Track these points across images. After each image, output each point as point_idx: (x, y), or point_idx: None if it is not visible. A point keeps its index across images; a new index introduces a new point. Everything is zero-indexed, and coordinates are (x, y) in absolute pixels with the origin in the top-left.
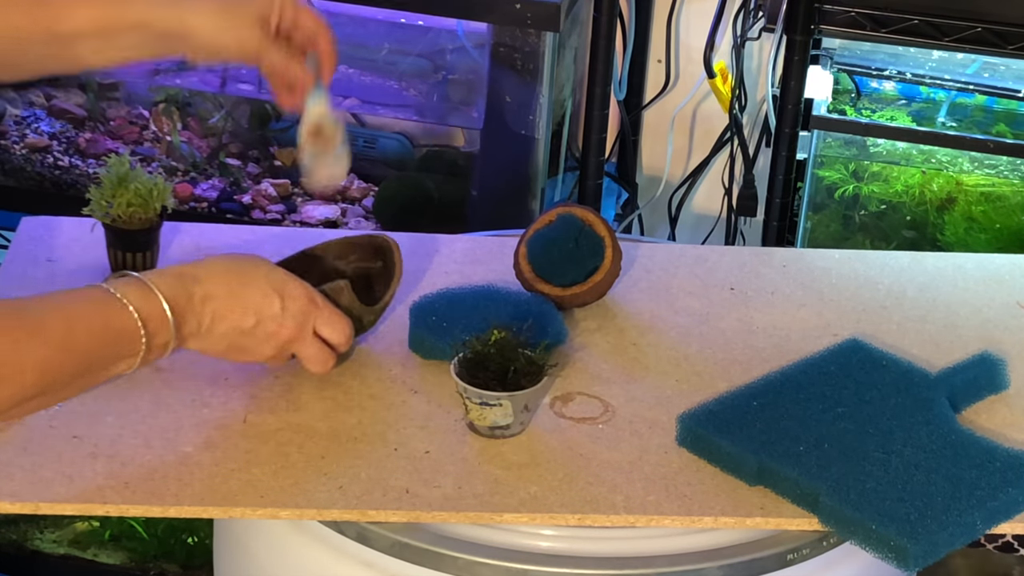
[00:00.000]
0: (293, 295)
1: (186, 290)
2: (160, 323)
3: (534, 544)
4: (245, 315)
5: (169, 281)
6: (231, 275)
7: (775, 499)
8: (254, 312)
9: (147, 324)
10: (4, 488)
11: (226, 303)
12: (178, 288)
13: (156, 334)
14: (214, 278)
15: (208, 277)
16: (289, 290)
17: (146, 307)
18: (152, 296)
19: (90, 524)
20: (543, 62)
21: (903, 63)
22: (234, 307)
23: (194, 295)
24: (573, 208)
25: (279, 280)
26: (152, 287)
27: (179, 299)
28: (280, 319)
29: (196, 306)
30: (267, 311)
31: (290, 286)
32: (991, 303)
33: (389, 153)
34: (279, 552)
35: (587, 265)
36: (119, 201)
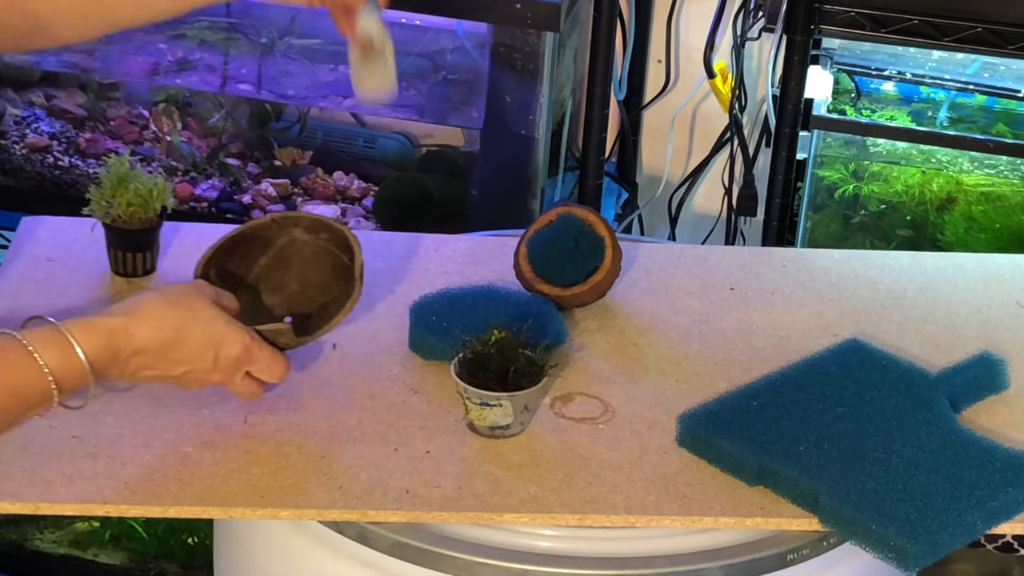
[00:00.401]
0: (228, 346)
1: (113, 347)
2: (78, 378)
3: (534, 544)
4: (174, 366)
5: (95, 339)
6: (166, 330)
7: (775, 499)
8: (184, 363)
9: (62, 382)
10: (4, 488)
11: (156, 358)
12: (104, 346)
13: (73, 386)
14: (148, 333)
15: (142, 332)
16: (226, 343)
17: (64, 367)
18: (71, 355)
19: (90, 524)
20: (543, 62)
21: (903, 63)
22: (163, 360)
23: (121, 352)
24: (573, 208)
25: (218, 332)
26: (74, 345)
27: (102, 356)
28: (210, 370)
29: (122, 362)
30: (198, 364)
31: (228, 339)
32: (991, 303)
33: (389, 153)
34: (279, 552)
35: (587, 265)
36: (119, 201)
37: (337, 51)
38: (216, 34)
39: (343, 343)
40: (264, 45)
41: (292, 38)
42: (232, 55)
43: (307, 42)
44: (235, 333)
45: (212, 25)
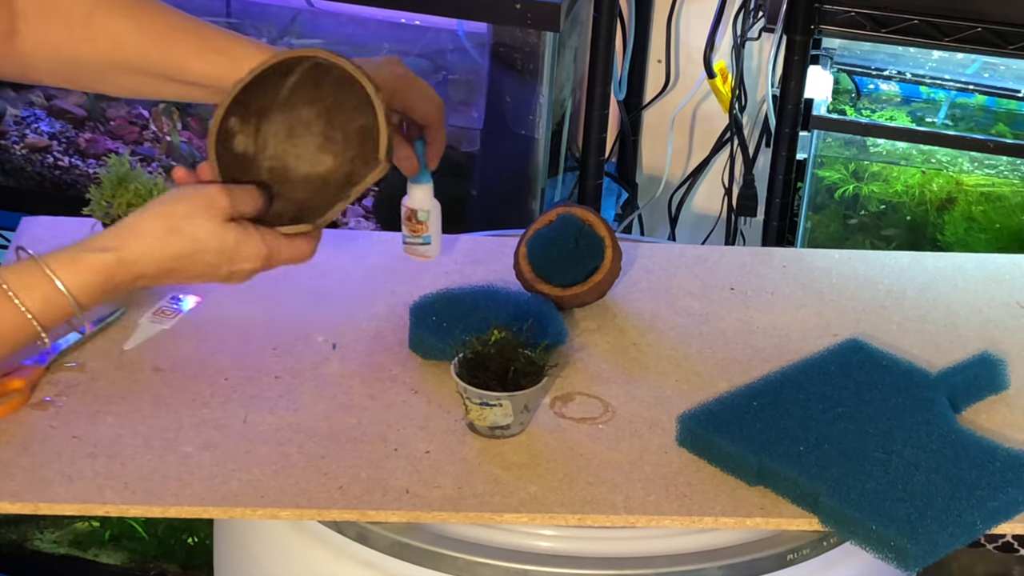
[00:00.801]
0: (242, 260)
1: (107, 280)
2: (64, 314)
3: (534, 544)
4: (185, 280)
5: (84, 278)
6: (166, 260)
7: (775, 499)
8: (196, 277)
9: (49, 321)
10: (4, 488)
11: (161, 280)
12: (95, 283)
13: (61, 318)
14: (144, 266)
15: (136, 265)
16: (239, 259)
17: (48, 309)
18: (56, 295)
19: (90, 524)
20: (543, 62)
21: (903, 63)
22: (170, 279)
23: (121, 281)
24: (573, 208)
25: (227, 252)
26: (57, 284)
27: (95, 293)
28: (227, 274)
29: (122, 286)
30: (212, 275)
31: (241, 254)
32: (991, 303)
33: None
34: (279, 552)
35: (587, 265)
36: (119, 201)
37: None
38: None
39: (343, 343)
40: None
41: (292, 38)
42: None
43: (307, 42)
44: (249, 248)
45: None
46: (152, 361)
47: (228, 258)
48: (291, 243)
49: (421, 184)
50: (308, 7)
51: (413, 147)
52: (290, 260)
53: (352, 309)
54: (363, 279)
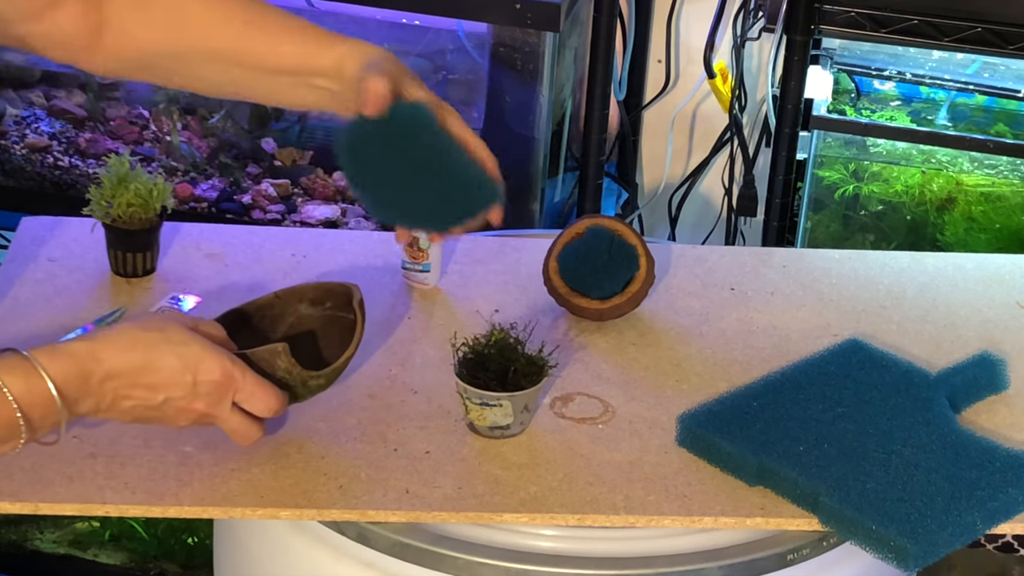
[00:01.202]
0: (206, 370)
1: (82, 370)
2: (46, 408)
3: (534, 544)
4: (151, 392)
5: (61, 362)
6: (136, 351)
7: (775, 499)
8: (162, 389)
9: (29, 411)
10: (4, 488)
11: (129, 381)
12: (71, 369)
13: (42, 418)
14: (117, 355)
15: (110, 354)
16: (204, 367)
17: (29, 395)
18: (37, 380)
19: (90, 524)
20: (543, 62)
21: (903, 63)
22: (137, 386)
23: (92, 375)
24: (601, 219)
25: (193, 355)
26: (39, 369)
27: (71, 382)
28: (191, 396)
29: (94, 387)
30: (176, 390)
31: (206, 363)
32: (991, 303)
33: None
34: (279, 552)
35: (622, 275)
36: (119, 201)
37: None
38: None
39: None
40: None
41: None
42: None
43: None
44: (213, 356)
45: None
46: None
47: (193, 363)
48: (259, 382)
49: None
50: (308, 7)
51: None
52: (253, 389)
53: None
54: (363, 279)
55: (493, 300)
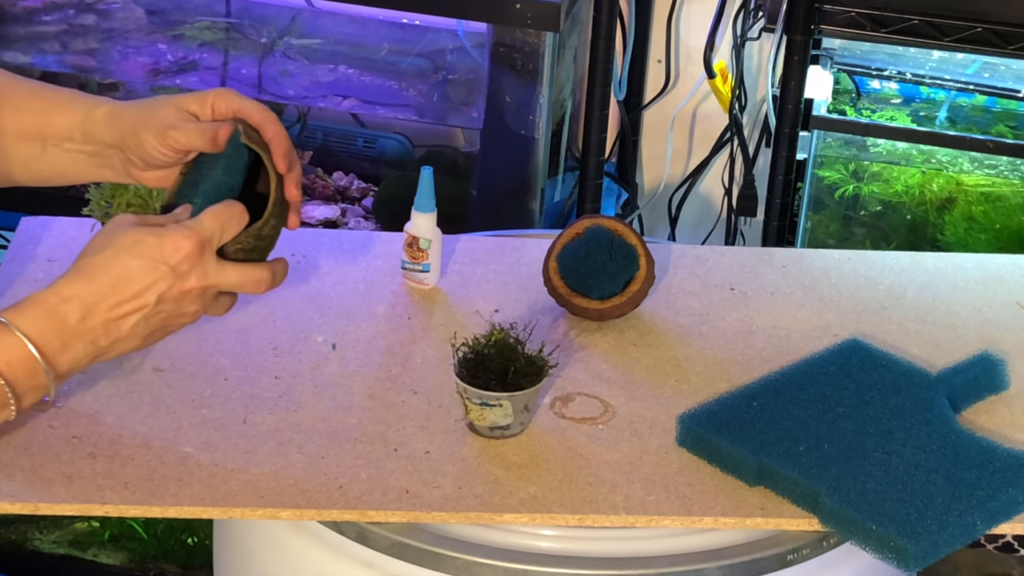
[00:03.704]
0: (174, 250)
1: (56, 317)
2: (28, 367)
3: (534, 544)
4: (140, 300)
5: (30, 314)
6: (99, 275)
7: (775, 499)
8: (147, 291)
9: (11, 374)
10: (4, 488)
11: (110, 304)
12: (44, 319)
13: (28, 378)
14: (83, 287)
15: (76, 289)
16: (169, 248)
17: (3, 354)
18: (11, 339)
19: (90, 524)
20: (543, 62)
21: (903, 63)
22: (122, 302)
23: (67, 317)
24: (600, 219)
25: (152, 246)
26: (11, 327)
27: (47, 331)
28: (179, 280)
29: (77, 328)
30: (161, 283)
31: (167, 244)
32: (991, 303)
33: (389, 153)
34: (279, 552)
35: (623, 275)
36: (119, 201)
37: (337, 51)
38: (216, 34)
39: (343, 343)
40: (264, 45)
41: (292, 38)
42: (232, 55)
43: (307, 42)
44: (170, 235)
45: (212, 25)
46: (152, 361)
47: (154, 250)
48: (226, 221)
49: (425, 212)
50: (308, 7)
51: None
52: (223, 223)
53: (352, 309)
54: (363, 279)
55: (493, 300)
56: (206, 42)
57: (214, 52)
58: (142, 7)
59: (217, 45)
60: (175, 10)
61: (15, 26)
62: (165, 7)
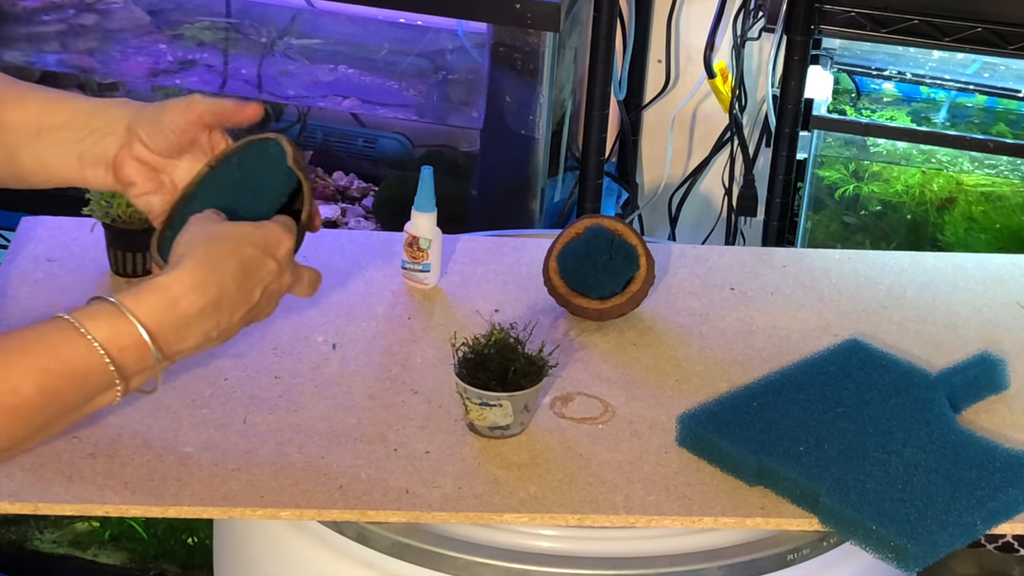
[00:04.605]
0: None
1: (177, 309)
2: (139, 354)
3: (534, 544)
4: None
5: (151, 303)
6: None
7: (775, 499)
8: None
9: (120, 358)
10: (4, 488)
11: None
12: (165, 310)
13: (135, 364)
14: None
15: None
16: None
17: (117, 339)
18: (125, 325)
19: (90, 524)
20: (543, 62)
21: (903, 63)
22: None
23: (189, 311)
24: (601, 219)
25: (261, 236)
26: (127, 313)
27: (166, 323)
28: (279, 275)
29: (196, 321)
30: (268, 276)
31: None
32: (991, 303)
33: (389, 153)
34: (279, 552)
35: (623, 275)
36: (119, 201)
37: (337, 51)
38: (216, 34)
39: (343, 343)
40: (264, 45)
41: (292, 38)
42: (232, 55)
43: (307, 42)
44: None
45: (212, 25)
46: None
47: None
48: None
49: (425, 212)
50: (308, 7)
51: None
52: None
53: (352, 309)
54: (363, 279)
55: (493, 300)
56: (206, 42)
57: (214, 52)
58: (142, 7)
59: (217, 45)
60: (175, 10)
61: (15, 26)
62: (165, 7)
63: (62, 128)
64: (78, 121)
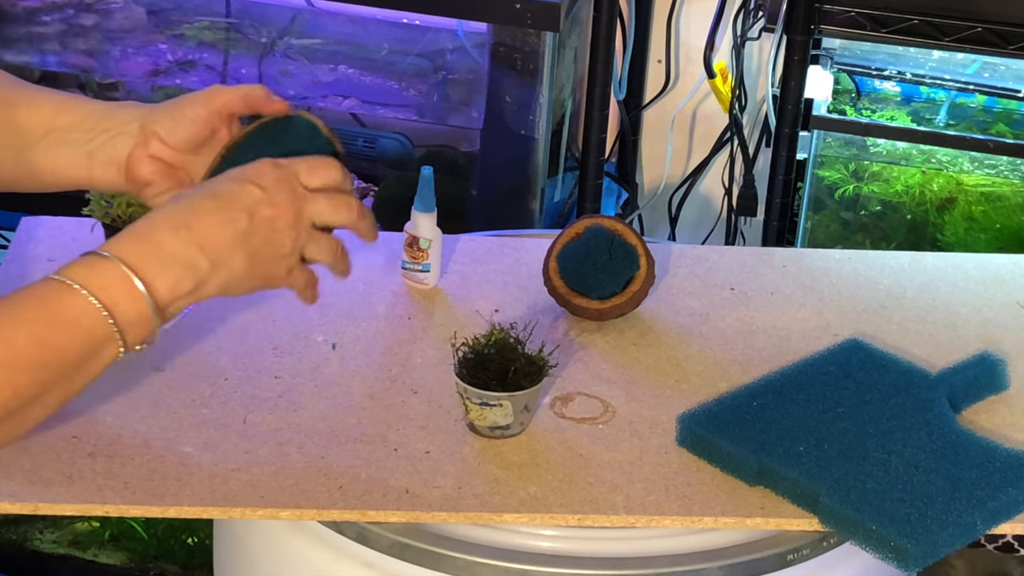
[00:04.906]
0: (257, 173)
1: (150, 239)
2: (127, 291)
3: (534, 544)
4: (234, 218)
5: (123, 239)
6: (191, 199)
7: (775, 499)
8: (240, 209)
9: (107, 298)
10: (4, 488)
11: (207, 223)
12: (137, 241)
13: (127, 305)
14: (177, 210)
15: (170, 214)
16: (252, 173)
17: (97, 278)
18: (103, 263)
19: (90, 524)
20: (543, 62)
21: (903, 63)
22: (216, 220)
23: (163, 238)
24: (601, 219)
25: (237, 172)
26: (104, 252)
27: (143, 253)
28: (268, 199)
29: (175, 248)
30: (250, 199)
31: (250, 170)
32: (991, 303)
33: (389, 153)
34: (279, 552)
35: (623, 275)
36: (119, 201)
37: (337, 51)
38: (216, 34)
39: (343, 343)
40: (264, 45)
41: (292, 38)
42: (232, 55)
43: (307, 42)
44: (257, 163)
45: (212, 25)
46: (152, 361)
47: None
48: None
49: (425, 212)
50: (308, 7)
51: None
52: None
53: (352, 309)
54: (363, 279)
55: (493, 300)
56: (206, 42)
57: (214, 52)
58: (142, 7)
59: (217, 45)
60: (175, 10)
61: (15, 26)
62: (165, 7)
63: (72, 128)
64: (88, 121)
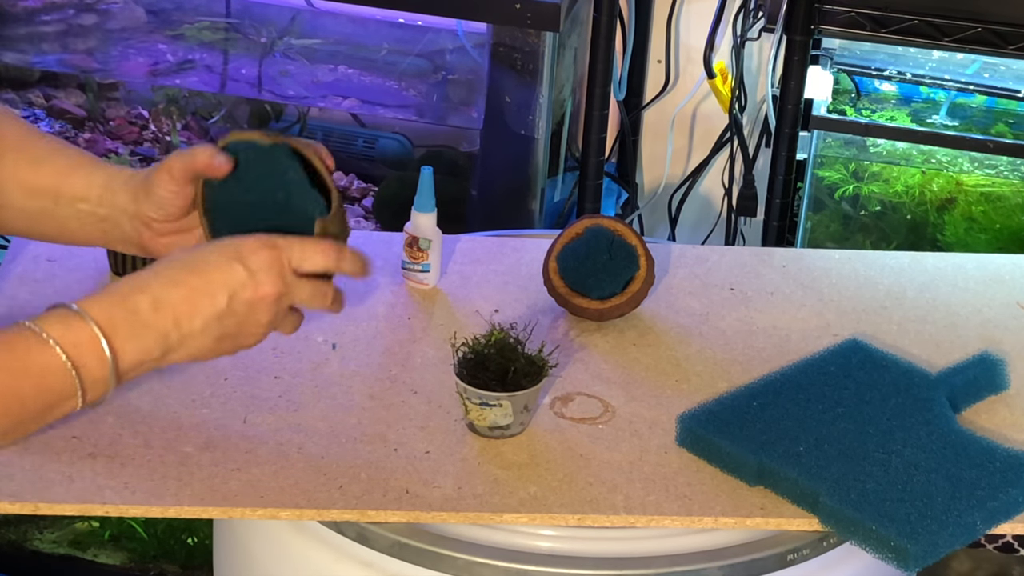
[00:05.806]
0: (250, 250)
1: (126, 305)
2: (96, 353)
3: (534, 544)
4: (213, 297)
5: (102, 301)
6: (174, 268)
7: (775, 499)
8: (220, 288)
9: (77, 356)
10: (4, 488)
11: (184, 297)
12: (115, 306)
13: (94, 366)
14: (158, 279)
15: (150, 281)
16: (246, 249)
17: (70, 335)
18: (78, 322)
19: (90, 524)
20: (543, 62)
21: (903, 63)
22: (194, 296)
23: (139, 306)
24: (601, 219)
25: (229, 245)
26: (80, 311)
27: (117, 318)
28: (253, 284)
29: (149, 318)
30: (234, 280)
31: (244, 246)
32: (991, 303)
33: (389, 153)
34: (279, 552)
35: (623, 275)
36: None
37: (337, 51)
38: (216, 34)
39: (343, 343)
40: (264, 45)
41: (292, 38)
42: (232, 55)
43: (307, 42)
44: (246, 239)
45: (212, 25)
46: None
47: (231, 250)
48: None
49: (425, 212)
50: (308, 7)
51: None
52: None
53: (352, 309)
54: (363, 279)
55: (493, 300)
56: (206, 42)
57: (214, 52)
58: (142, 7)
59: (217, 45)
60: (175, 10)
61: (15, 26)
62: (165, 7)
63: (80, 200)
64: (93, 193)
